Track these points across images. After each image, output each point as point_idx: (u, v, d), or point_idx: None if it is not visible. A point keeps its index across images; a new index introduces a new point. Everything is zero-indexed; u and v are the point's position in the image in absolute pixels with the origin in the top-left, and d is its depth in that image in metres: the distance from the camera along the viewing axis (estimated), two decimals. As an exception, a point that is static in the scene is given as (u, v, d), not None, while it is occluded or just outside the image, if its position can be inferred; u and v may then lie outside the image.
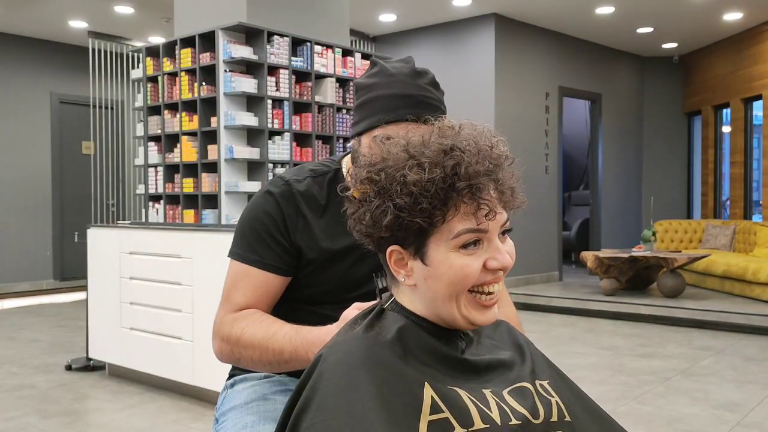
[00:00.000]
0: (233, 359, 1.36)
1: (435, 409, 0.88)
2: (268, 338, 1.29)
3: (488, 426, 0.89)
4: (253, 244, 1.38)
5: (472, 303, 0.96)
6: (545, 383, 1.03)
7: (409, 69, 1.37)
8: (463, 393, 0.92)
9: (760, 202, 9.08)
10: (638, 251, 7.33)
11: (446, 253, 0.93)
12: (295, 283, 1.43)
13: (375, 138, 1.30)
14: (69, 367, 4.73)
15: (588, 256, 7.40)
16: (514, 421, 0.92)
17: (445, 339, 0.99)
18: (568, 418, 0.99)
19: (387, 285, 1.08)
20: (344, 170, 1.45)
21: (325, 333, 1.21)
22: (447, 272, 0.94)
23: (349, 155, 1.48)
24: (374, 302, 1.10)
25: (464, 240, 0.93)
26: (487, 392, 0.94)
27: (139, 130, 5.62)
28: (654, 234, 7.49)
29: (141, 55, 5.56)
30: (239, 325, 1.33)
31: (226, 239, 3.49)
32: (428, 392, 0.89)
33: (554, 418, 0.98)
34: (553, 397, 1.01)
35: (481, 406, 0.92)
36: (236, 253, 1.41)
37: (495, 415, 0.91)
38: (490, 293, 0.97)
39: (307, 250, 1.39)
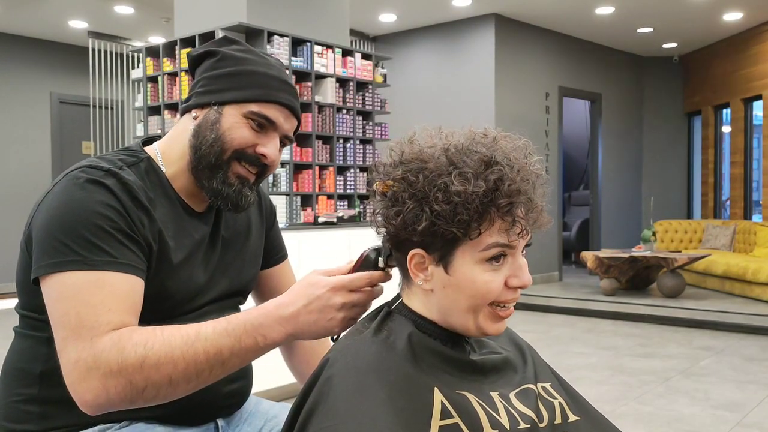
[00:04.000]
0: (132, 394, 0.98)
1: (445, 414, 0.88)
2: (192, 341, 1.00)
3: (497, 431, 0.90)
4: (99, 244, 1.03)
5: (490, 315, 0.96)
6: (547, 385, 1.03)
7: (276, 59, 1.27)
8: (472, 397, 0.92)
9: (760, 202, 9.08)
10: (638, 251, 7.33)
11: (471, 265, 0.93)
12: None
13: (251, 113, 1.17)
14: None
15: (588, 256, 7.40)
16: (522, 425, 0.92)
17: (451, 343, 0.99)
18: (571, 419, 0.99)
19: (385, 262, 1.04)
20: (158, 159, 1.22)
21: (275, 307, 1.03)
22: (470, 286, 0.93)
23: (156, 142, 1.26)
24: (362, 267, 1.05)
25: (492, 254, 0.92)
26: (494, 395, 0.95)
27: (139, 130, 5.62)
28: (654, 234, 7.49)
29: (141, 55, 5.56)
30: (131, 345, 0.98)
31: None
32: (438, 397, 0.89)
33: (558, 420, 0.98)
34: (555, 398, 1.01)
35: (490, 410, 0.92)
36: (71, 262, 1.02)
37: (504, 419, 0.92)
38: (506, 307, 0.97)
39: (157, 251, 1.13)
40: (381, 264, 1.05)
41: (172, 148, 1.23)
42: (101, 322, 0.99)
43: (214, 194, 1.20)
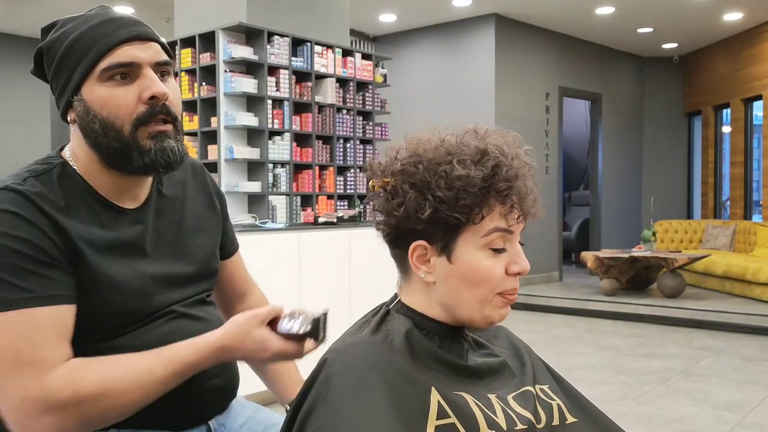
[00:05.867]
0: (86, 427, 1.01)
1: (441, 414, 0.89)
2: (145, 381, 1.03)
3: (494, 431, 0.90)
4: (14, 281, 0.99)
5: (499, 302, 0.98)
6: (546, 387, 1.03)
7: (100, 7, 1.14)
8: (469, 398, 0.92)
9: (760, 203, 9.08)
10: (638, 251, 7.33)
11: (474, 251, 0.94)
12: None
13: (104, 72, 1.06)
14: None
15: (588, 256, 7.40)
16: (519, 426, 0.93)
17: (450, 340, 1.00)
18: (569, 421, 1.00)
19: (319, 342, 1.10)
20: (71, 162, 1.14)
21: (222, 350, 1.08)
22: (473, 272, 0.94)
23: (66, 147, 1.18)
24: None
25: (493, 239, 0.94)
26: (492, 397, 0.95)
27: (139, 130, 5.62)
28: (654, 234, 7.49)
29: (141, 55, 5.56)
30: (86, 383, 0.99)
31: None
32: (435, 397, 0.90)
33: (556, 422, 0.98)
34: (554, 400, 1.01)
35: (487, 411, 0.92)
36: None
37: (501, 420, 0.92)
38: (512, 294, 0.99)
39: (77, 266, 1.07)
40: (316, 341, 1.12)
41: (78, 156, 1.14)
42: (42, 358, 0.98)
43: (144, 170, 1.12)
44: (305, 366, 0.90)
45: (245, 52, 4.99)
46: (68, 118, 1.12)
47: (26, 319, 0.98)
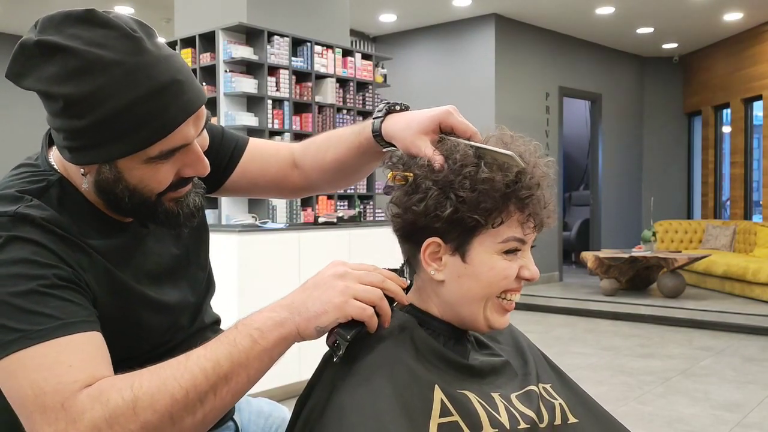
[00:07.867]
0: None
1: (444, 411, 0.89)
2: (184, 364, 0.84)
3: (497, 430, 0.90)
4: (36, 309, 0.85)
5: (497, 307, 0.98)
6: (548, 386, 1.03)
7: (121, 37, 0.88)
8: (472, 396, 0.93)
9: (761, 203, 9.08)
10: (638, 251, 7.33)
11: (490, 255, 0.95)
12: None
13: (155, 158, 0.92)
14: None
15: (588, 256, 7.40)
16: (522, 425, 0.93)
17: (454, 340, 1.00)
18: (571, 421, 1.00)
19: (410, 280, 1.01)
20: (67, 177, 0.99)
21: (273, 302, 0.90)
22: (487, 273, 0.95)
23: (53, 151, 1.02)
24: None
25: (509, 246, 0.95)
26: (495, 396, 0.95)
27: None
28: (654, 234, 7.49)
29: (141, 55, 5.55)
30: (115, 393, 0.82)
31: (226, 239, 3.49)
32: (438, 395, 0.90)
33: (558, 422, 0.98)
34: (556, 400, 1.01)
35: (490, 410, 0.92)
36: (11, 342, 0.83)
37: (504, 419, 0.92)
38: (511, 300, 0.99)
39: (111, 291, 0.97)
40: (404, 276, 1.00)
41: (68, 172, 0.99)
42: (66, 381, 0.82)
43: (166, 227, 1.03)
44: (307, 365, 0.89)
45: (245, 52, 4.99)
46: (81, 170, 0.95)
47: (49, 352, 0.84)
